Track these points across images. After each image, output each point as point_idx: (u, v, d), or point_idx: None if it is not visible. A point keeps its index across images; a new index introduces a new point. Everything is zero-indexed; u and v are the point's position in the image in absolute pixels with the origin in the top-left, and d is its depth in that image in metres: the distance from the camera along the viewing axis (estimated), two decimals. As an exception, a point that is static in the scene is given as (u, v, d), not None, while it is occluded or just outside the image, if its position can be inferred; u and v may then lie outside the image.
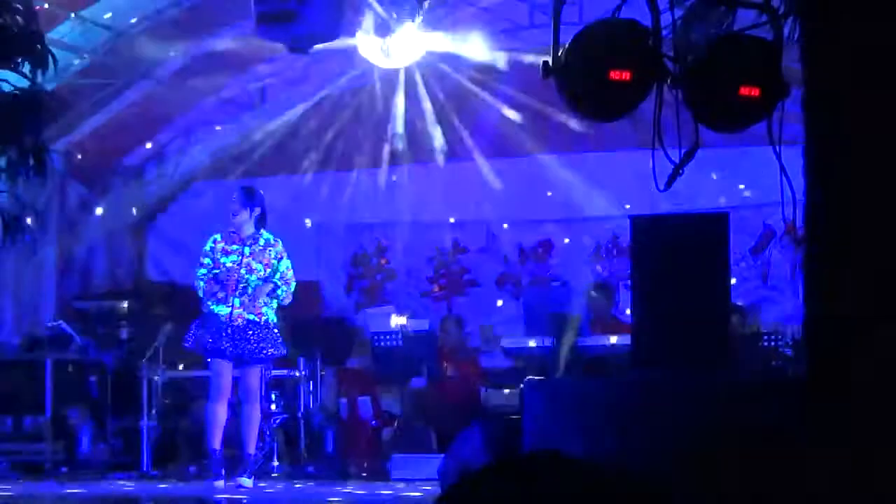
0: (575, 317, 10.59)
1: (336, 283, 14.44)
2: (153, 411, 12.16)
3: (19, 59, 8.83)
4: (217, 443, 9.81)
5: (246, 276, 9.73)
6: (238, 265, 9.74)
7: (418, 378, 11.94)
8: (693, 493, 4.26)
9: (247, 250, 9.75)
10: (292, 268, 9.93)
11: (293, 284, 9.91)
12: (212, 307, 9.79)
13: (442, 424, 11.30)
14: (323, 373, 12.40)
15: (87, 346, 12.93)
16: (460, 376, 12.07)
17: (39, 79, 8.92)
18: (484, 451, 7.50)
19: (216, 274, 9.80)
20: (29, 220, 9.32)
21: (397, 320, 12.54)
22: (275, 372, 11.53)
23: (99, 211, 14.21)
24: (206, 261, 9.86)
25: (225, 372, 9.82)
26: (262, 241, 9.83)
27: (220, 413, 9.82)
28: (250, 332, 9.74)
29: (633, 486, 3.43)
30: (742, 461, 4.61)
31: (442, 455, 9.18)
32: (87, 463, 12.10)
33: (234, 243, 9.82)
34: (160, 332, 12.33)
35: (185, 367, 12.27)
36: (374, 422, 12.17)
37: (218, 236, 9.90)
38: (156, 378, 12.17)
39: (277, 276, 9.80)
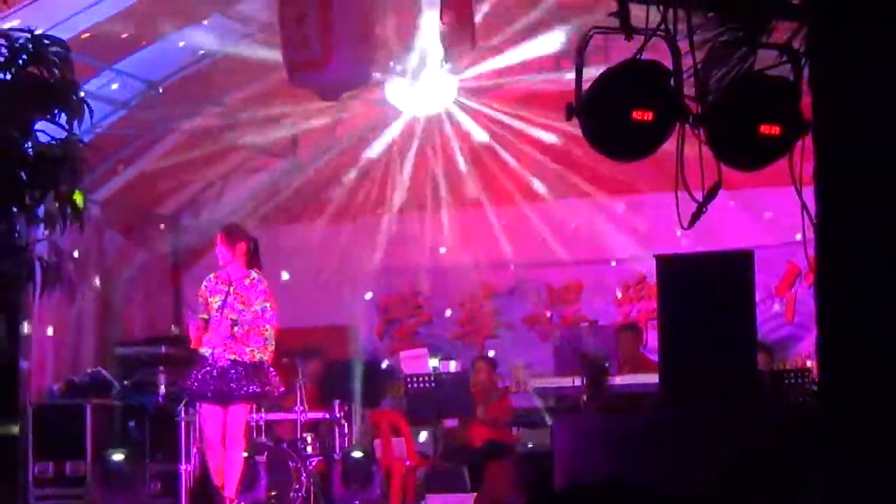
0: (604, 356, 10.63)
1: (370, 327, 14.55)
2: (191, 454, 12.27)
3: (56, 110, 8.95)
4: (232, 491, 9.55)
5: (230, 317, 9.47)
6: (222, 305, 9.47)
7: (451, 419, 12.04)
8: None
9: (231, 289, 9.50)
10: (271, 310, 9.50)
11: (266, 328, 9.45)
12: (200, 350, 9.61)
13: (475, 464, 11.38)
14: (358, 415, 12.52)
15: (125, 391, 13.04)
16: (492, 416, 12.14)
17: (76, 129, 9.06)
18: (515, 487, 7.60)
19: (204, 318, 9.59)
20: (68, 268, 9.42)
21: (430, 363, 12.65)
22: (310, 414, 11.62)
23: (136, 259, 14.34)
24: (200, 300, 9.77)
25: (211, 415, 9.66)
26: (247, 281, 9.54)
27: (214, 457, 9.64)
28: (232, 372, 9.46)
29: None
30: (767, 495, 4.71)
31: (475, 493, 9.31)
32: (127, 506, 12.21)
33: (221, 282, 9.61)
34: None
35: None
36: (408, 462, 12.25)
37: (212, 275, 9.74)
38: (194, 421, 12.30)
39: (249, 315, 9.46)
